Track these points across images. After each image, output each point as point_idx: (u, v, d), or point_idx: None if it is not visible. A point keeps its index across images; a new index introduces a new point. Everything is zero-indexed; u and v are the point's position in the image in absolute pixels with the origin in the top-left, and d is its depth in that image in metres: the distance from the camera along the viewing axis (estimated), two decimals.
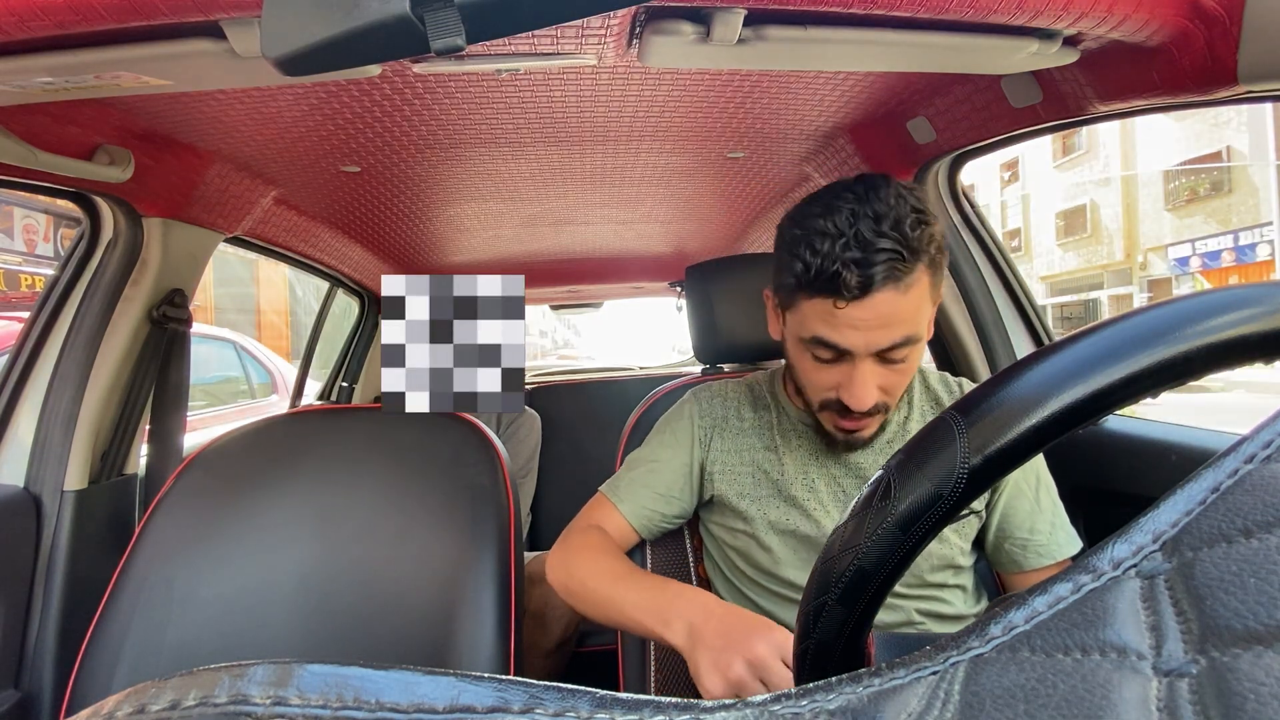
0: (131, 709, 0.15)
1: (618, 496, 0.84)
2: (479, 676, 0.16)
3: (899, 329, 0.64)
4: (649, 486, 0.83)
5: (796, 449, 0.81)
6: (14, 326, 2.38)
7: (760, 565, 0.79)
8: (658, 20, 0.62)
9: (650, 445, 0.87)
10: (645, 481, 0.84)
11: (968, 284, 1.11)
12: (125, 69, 0.62)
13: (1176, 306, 0.25)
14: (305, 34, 0.29)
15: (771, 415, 0.84)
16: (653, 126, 0.99)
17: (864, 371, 0.66)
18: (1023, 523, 0.77)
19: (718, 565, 0.87)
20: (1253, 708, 0.12)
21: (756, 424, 0.84)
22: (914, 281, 0.64)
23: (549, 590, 1.35)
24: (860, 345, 0.65)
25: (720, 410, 0.86)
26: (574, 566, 0.76)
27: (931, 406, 0.83)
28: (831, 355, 0.68)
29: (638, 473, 0.85)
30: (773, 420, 0.84)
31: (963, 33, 0.64)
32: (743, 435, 0.84)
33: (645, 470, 0.84)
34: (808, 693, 0.16)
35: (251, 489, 0.88)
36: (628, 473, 0.86)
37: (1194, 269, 13.38)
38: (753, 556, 0.79)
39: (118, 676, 0.77)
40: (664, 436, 0.87)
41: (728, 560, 0.84)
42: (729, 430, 0.85)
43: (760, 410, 0.85)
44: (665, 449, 0.85)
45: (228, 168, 1.05)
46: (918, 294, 0.65)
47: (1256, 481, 0.16)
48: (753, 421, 0.85)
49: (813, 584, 0.30)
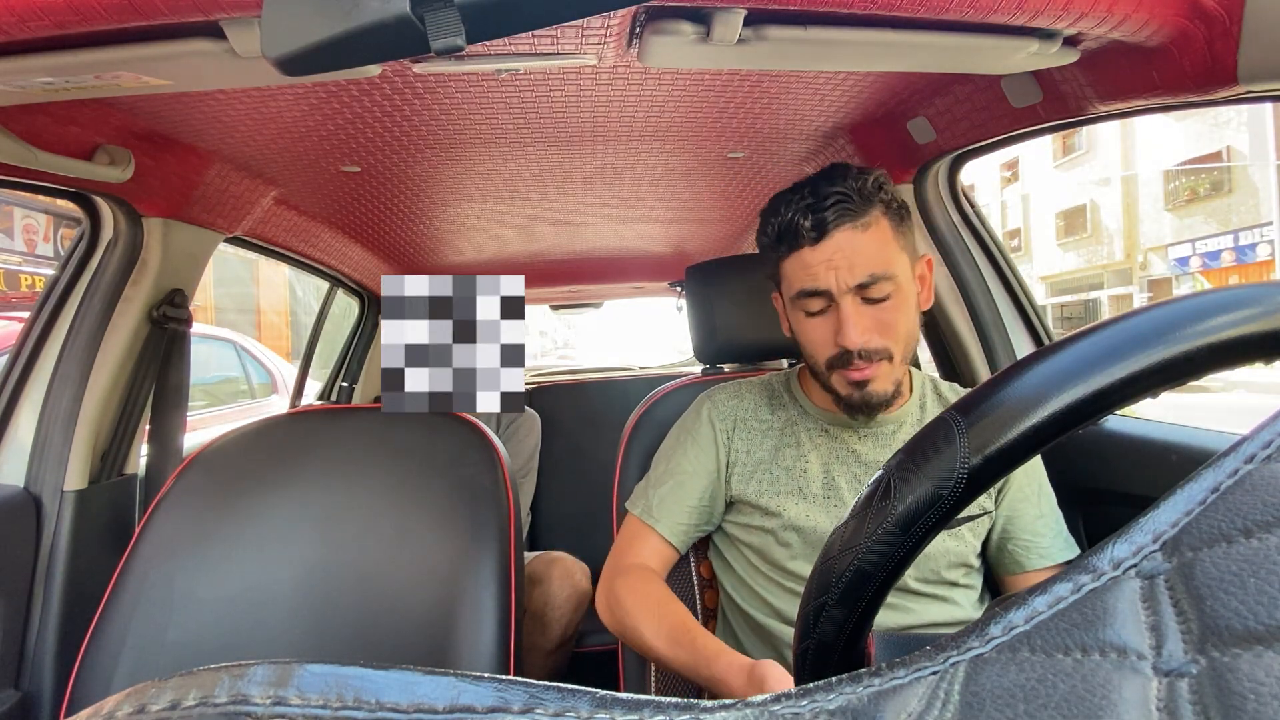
0: (131, 709, 0.15)
1: (652, 517, 0.83)
2: (479, 676, 0.16)
3: (865, 265, 0.71)
4: (680, 501, 0.83)
5: (819, 447, 0.81)
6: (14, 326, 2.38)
7: (776, 561, 0.79)
8: (658, 20, 0.62)
9: (673, 456, 0.86)
10: (676, 497, 0.83)
11: (968, 284, 1.11)
12: (125, 69, 0.62)
13: (1176, 306, 0.25)
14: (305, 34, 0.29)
15: (792, 413, 0.85)
16: (653, 126, 0.99)
17: (847, 309, 0.72)
18: (1028, 525, 0.78)
19: (727, 561, 0.87)
20: (1253, 708, 0.12)
21: (776, 423, 0.85)
22: (870, 221, 0.72)
23: (549, 590, 1.35)
24: (833, 283, 0.71)
25: (737, 410, 0.86)
26: (627, 617, 0.76)
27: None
28: (818, 304, 0.74)
29: (666, 489, 0.84)
30: (793, 418, 0.84)
31: (963, 33, 0.64)
32: (764, 435, 0.84)
33: (674, 485, 0.84)
34: (808, 693, 0.16)
35: (251, 489, 0.88)
36: (655, 489, 0.84)
37: (1194, 269, 13.38)
38: (769, 553, 0.80)
39: (118, 676, 0.77)
40: (685, 445, 0.86)
41: (741, 557, 0.84)
42: (749, 430, 0.85)
43: (779, 410, 0.86)
44: (689, 459, 0.84)
45: (228, 168, 1.05)
46: (878, 234, 0.72)
47: (1256, 481, 0.16)
48: (771, 422, 0.85)
49: (813, 584, 0.30)
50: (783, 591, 0.79)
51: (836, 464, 0.80)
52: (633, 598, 0.76)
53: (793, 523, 0.78)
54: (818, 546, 0.77)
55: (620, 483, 0.97)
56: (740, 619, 0.84)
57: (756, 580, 0.82)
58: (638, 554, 0.82)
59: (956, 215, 1.11)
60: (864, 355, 0.72)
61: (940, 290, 1.13)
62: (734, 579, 0.85)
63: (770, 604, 0.79)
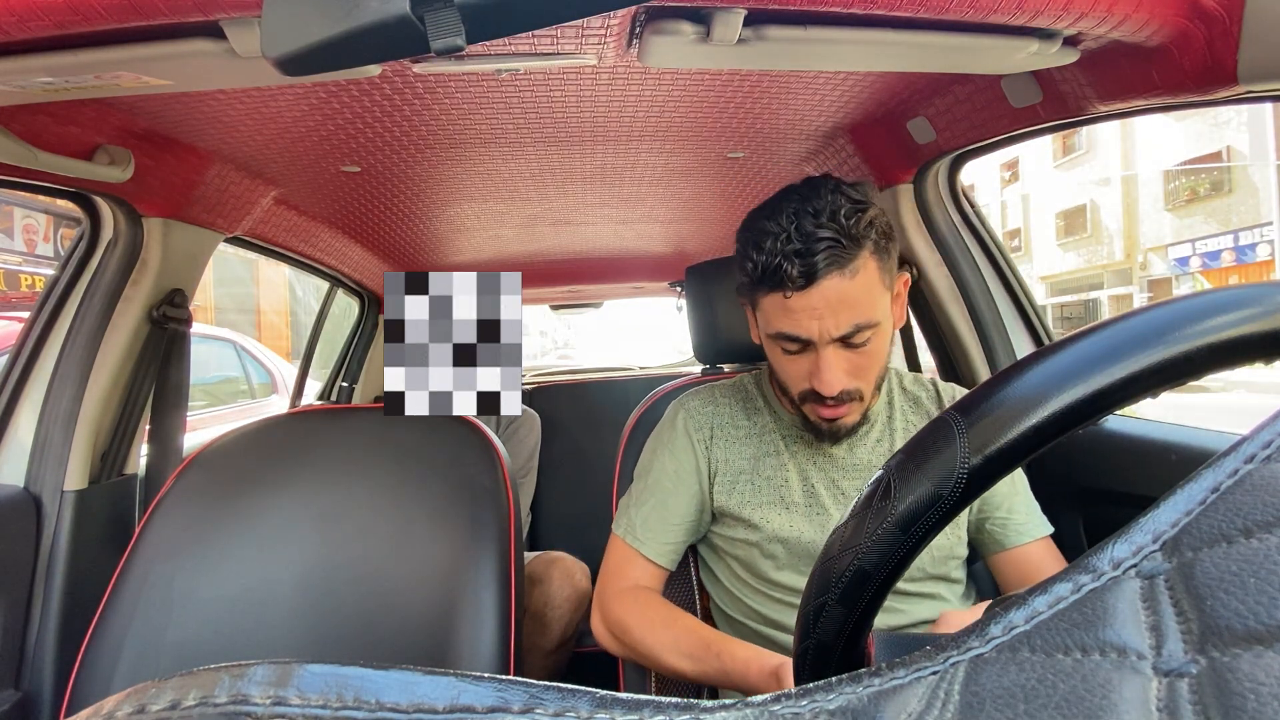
0: (131, 709, 0.15)
1: (637, 539, 0.81)
2: (479, 676, 0.16)
3: (850, 314, 0.68)
4: (664, 520, 0.81)
5: (796, 455, 0.81)
6: (14, 326, 2.38)
7: (762, 573, 0.79)
8: (658, 20, 0.62)
9: (651, 470, 0.84)
10: (660, 516, 0.82)
11: (968, 284, 1.11)
12: (125, 69, 0.62)
13: (1176, 306, 0.25)
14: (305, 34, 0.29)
15: (767, 419, 0.84)
16: (653, 126, 0.99)
17: (827, 358, 0.70)
18: (1001, 503, 0.78)
19: (714, 574, 0.86)
20: (1253, 708, 0.12)
21: (753, 429, 0.84)
22: (859, 267, 0.68)
23: (549, 590, 1.35)
24: (816, 333, 0.69)
25: (714, 417, 0.85)
26: (638, 643, 0.75)
27: (911, 405, 0.84)
28: (796, 346, 0.71)
29: (648, 508, 0.82)
30: (769, 424, 0.84)
31: (963, 33, 0.64)
32: (743, 442, 0.83)
33: (655, 504, 0.82)
34: (808, 693, 0.16)
35: (251, 489, 0.88)
36: (638, 509, 0.83)
37: (1194, 269, 13.38)
38: (755, 565, 0.79)
39: (118, 676, 0.77)
40: (663, 458, 0.84)
41: (727, 569, 0.84)
42: (727, 438, 0.84)
43: (754, 415, 0.85)
44: (668, 475, 0.83)
45: (228, 168, 1.05)
46: (865, 279, 0.68)
47: (1256, 481, 0.16)
48: (749, 428, 0.84)
49: (813, 584, 0.30)
50: (771, 601, 0.79)
51: (814, 470, 0.80)
52: (638, 621, 0.75)
53: (777, 534, 0.77)
54: (803, 556, 0.77)
55: (619, 483, 0.97)
56: (730, 626, 0.84)
57: (744, 592, 0.81)
58: (628, 577, 0.81)
59: (956, 215, 1.11)
60: (837, 398, 0.71)
61: (940, 290, 1.13)
62: (721, 590, 0.85)
63: (760, 613, 0.79)
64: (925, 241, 1.12)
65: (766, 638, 0.78)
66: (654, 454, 0.86)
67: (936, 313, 1.16)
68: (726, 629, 0.85)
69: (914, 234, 1.12)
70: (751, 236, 0.71)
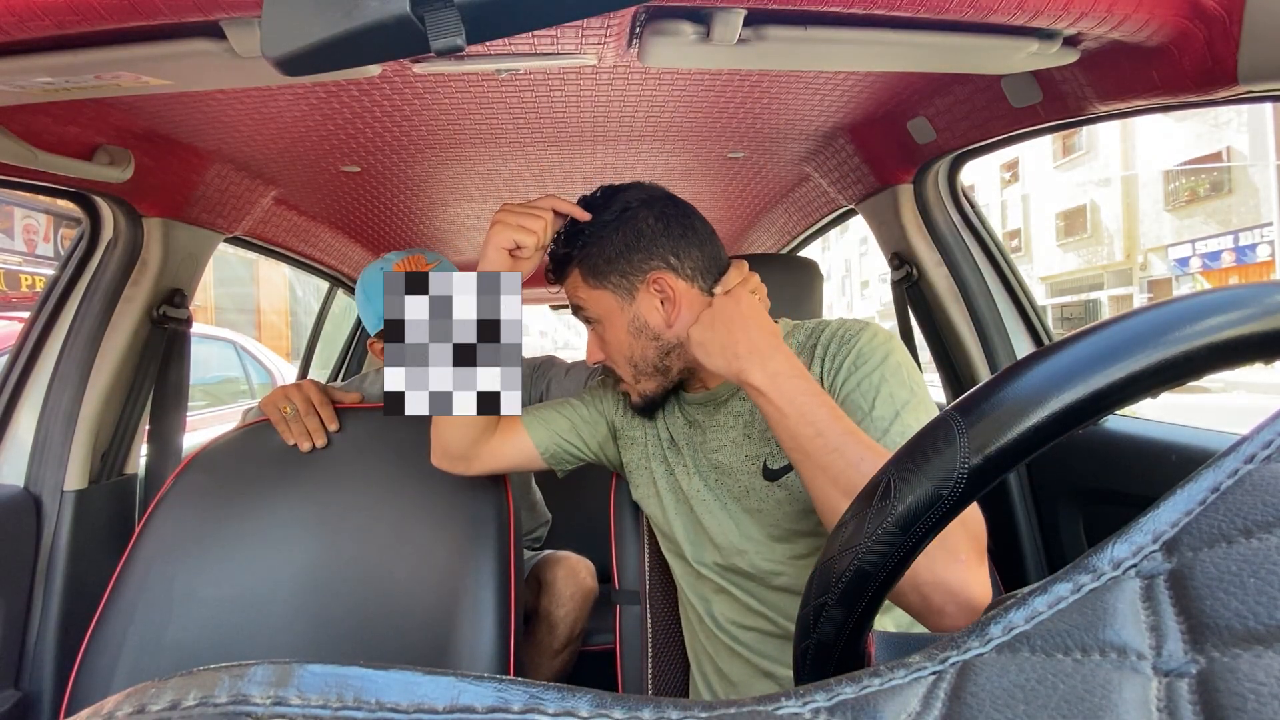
0: (131, 709, 0.15)
1: (524, 419, 0.85)
2: (479, 676, 0.16)
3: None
4: (558, 412, 0.86)
5: (681, 448, 0.82)
6: (14, 326, 2.38)
7: (719, 617, 0.78)
8: (658, 20, 0.62)
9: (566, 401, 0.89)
10: (556, 408, 0.86)
11: (968, 284, 1.11)
12: (125, 69, 0.62)
13: (1176, 306, 0.25)
14: (305, 34, 0.29)
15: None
16: (653, 126, 0.99)
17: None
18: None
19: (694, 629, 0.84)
20: (1253, 708, 0.12)
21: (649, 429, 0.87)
22: (566, 274, 0.78)
23: (555, 589, 1.35)
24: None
25: (619, 402, 0.87)
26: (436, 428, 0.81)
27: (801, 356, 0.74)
28: None
29: (547, 407, 0.87)
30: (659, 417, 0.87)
31: (963, 33, 0.64)
32: (639, 442, 0.86)
33: (556, 405, 0.87)
34: (808, 692, 0.16)
35: (251, 489, 0.88)
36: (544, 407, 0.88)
37: (1194, 269, 13.38)
38: (713, 610, 0.79)
39: (118, 676, 0.77)
40: (580, 395, 0.90)
41: (688, 621, 0.84)
42: (628, 439, 0.86)
43: None
44: (582, 404, 0.87)
45: (228, 168, 1.05)
46: (572, 281, 0.78)
47: (1256, 481, 0.16)
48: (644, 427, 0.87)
49: (813, 584, 0.30)
50: (741, 640, 0.76)
51: (702, 452, 0.79)
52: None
53: (699, 540, 0.77)
54: (749, 574, 0.74)
55: (619, 483, 0.97)
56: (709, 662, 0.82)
57: (713, 644, 0.79)
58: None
59: (956, 215, 1.11)
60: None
61: (940, 290, 1.13)
62: (699, 649, 0.83)
63: (734, 650, 0.77)
64: (925, 241, 1.12)
65: (750, 645, 0.76)
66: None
67: (936, 313, 1.16)
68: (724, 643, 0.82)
69: (914, 234, 1.12)
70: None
